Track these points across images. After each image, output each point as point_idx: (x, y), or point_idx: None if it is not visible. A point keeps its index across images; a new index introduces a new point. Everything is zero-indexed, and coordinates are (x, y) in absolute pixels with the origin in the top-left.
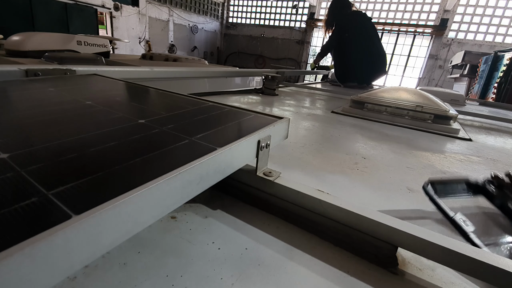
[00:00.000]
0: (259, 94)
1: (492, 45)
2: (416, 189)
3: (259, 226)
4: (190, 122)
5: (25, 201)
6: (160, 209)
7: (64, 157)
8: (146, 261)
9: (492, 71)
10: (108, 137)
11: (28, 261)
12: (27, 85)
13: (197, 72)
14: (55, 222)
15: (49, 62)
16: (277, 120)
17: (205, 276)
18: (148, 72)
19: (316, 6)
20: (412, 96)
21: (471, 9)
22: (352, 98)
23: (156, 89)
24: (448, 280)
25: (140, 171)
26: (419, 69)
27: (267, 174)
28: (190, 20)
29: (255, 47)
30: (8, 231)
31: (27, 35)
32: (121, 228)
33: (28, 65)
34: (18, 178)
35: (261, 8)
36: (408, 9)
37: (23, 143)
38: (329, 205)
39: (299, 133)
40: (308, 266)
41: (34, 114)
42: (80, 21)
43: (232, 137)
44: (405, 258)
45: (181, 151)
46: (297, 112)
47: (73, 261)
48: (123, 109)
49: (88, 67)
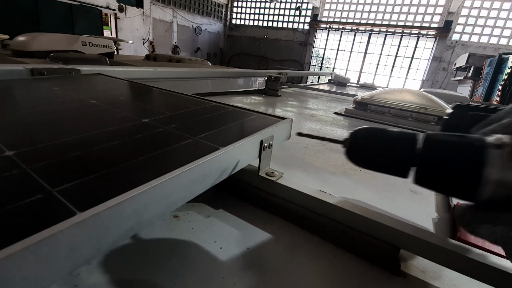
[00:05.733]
0: (261, 95)
1: (497, 48)
2: (419, 191)
3: (261, 226)
4: (193, 121)
5: (30, 198)
6: (163, 207)
7: (69, 155)
8: (149, 260)
9: (496, 73)
10: (112, 136)
11: (32, 257)
12: (32, 84)
13: (200, 73)
14: (59, 219)
15: (54, 62)
16: (280, 120)
17: (207, 275)
18: (152, 72)
19: (320, 7)
20: (415, 98)
21: (475, 11)
22: (355, 99)
23: (160, 89)
24: (451, 283)
25: (144, 170)
26: (423, 71)
27: (269, 174)
28: (194, 22)
29: (258, 48)
30: (13, 227)
31: (32, 35)
32: (125, 226)
33: (34, 65)
34: (23, 175)
35: (264, 9)
36: (412, 11)
37: (28, 141)
38: (331, 206)
39: None
40: (310, 266)
41: (39, 112)
42: (85, 22)
43: (235, 137)
44: (408, 260)
45: (185, 150)
46: (300, 113)
47: (76, 258)
48: (127, 108)
49: (92, 67)
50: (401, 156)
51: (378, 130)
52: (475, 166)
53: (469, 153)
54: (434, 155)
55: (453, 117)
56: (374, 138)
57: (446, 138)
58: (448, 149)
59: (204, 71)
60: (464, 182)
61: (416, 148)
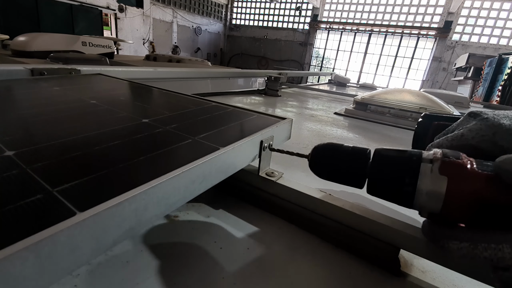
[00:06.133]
0: (261, 95)
1: (497, 48)
2: None
3: (261, 226)
4: (193, 121)
5: (30, 198)
6: (163, 207)
7: (69, 155)
8: (149, 260)
9: (496, 73)
10: (112, 136)
11: (33, 257)
12: (32, 84)
13: (200, 73)
14: (59, 219)
15: (54, 63)
16: (280, 120)
17: (207, 275)
18: (152, 73)
19: (320, 8)
20: (415, 98)
21: (475, 12)
22: (355, 99)
23: (160, 89)
24: (451, 283)
25: (144, 170)
26: (423, 71)
27: (269, 175)
28: (194, 22)
29: (258, 48)
30: (13, 227)
31: (32, 35)
32: (125, 226)
33: (34, 65)
34: (23, 175)
35: (264, 10)
36: (412, 11)
37: (28, 141)
38: (331, 206)
39: (302, 134)
40: (310, 266)
41: (39, 112)
42: (85, 22)
43: (235, 137)
44: (408, 260)
45: (185, 151)
46: (300, 113)
47: (77, 258)
48: (127, 108)
49: (92, 67)
50: (355, 170)
51: (335, 146)
52: (411, 179)
53: (406, 167)
54: (379, 168)
55: (421, 126)
56: (331, 153)
57: (390, 153)
58: (390, 163)
59: (204, 71)
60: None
61: (367, 162)
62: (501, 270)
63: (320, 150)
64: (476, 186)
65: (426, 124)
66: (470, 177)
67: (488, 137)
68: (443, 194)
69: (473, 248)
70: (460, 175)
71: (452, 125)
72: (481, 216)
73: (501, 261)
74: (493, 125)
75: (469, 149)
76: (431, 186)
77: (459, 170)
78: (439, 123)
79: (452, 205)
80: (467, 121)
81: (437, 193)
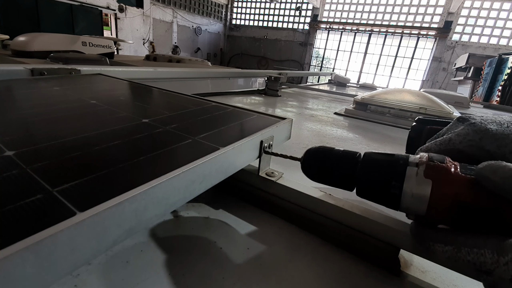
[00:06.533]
0: (261, 95)
1: (497, 48)
2: None
3: (261, 226)
4: (193, 121)
5: (30, 198)
6: (163, 207)
7: (69, 155)
8: (149, 260)
9: (496, 74)
10: (112, 136)
11: (33, 257)
12: (32, 84)
13: (200, 73)
14: (59, 219)
15: (54, 63)
16: (280, 120)
17: (206, 275)
18: (152, 73)
19: (320, 8)
20: (415, 98)
21: (475, 12)
22: (355, 99)
23: (160, 89)
24: (451, 283)
25: (144, 170)
26: (423, 71)
27: (269, 175)
28: (194, 22)
29: (258, 48)
30: (13, 227)
31: (33, 35)
32: (125, 226)
33: (34, 65)
34: (23, 175)
35: (264, 10)
36: (412, 12)
37: (28, 141)
38: (331, 206)
39: (302, 134)
40: (310, 266)
41: (39, 112)
42: (85, 22)
43: (235, 137)
44: (408, 260)
45: (185, 151)
46: (300, 113)
47: (77, 258)
48: (127, 108)
49: (92, 67)
50: (345, 172)
51: (326, 150)
52: (397, 181)
53: (393, 170)
54: (367, 171)
55: (414, 131)
56: (322, 156)
57: (378, 157)
58: (378, 166)
59: (204, 71)
60: (391, 195)
61: (357, 165)
62: (484, 273)
63: (312, 153)
64: (458, 190)
65: (419, 128)
66: (453, 181)
67: (475, 142)
68: (427, 196)
69: (457, 252)
70: (444, 179)
71: (442, 129)
72: (464, 219)
73: (483, 265)
74: (479, 130)
75: (456, 154)
76: (416, 189)
77: (443, 174)
78: (431, 128)
79: (437, 208)
80: (456, 126)
81: (422, 196)
